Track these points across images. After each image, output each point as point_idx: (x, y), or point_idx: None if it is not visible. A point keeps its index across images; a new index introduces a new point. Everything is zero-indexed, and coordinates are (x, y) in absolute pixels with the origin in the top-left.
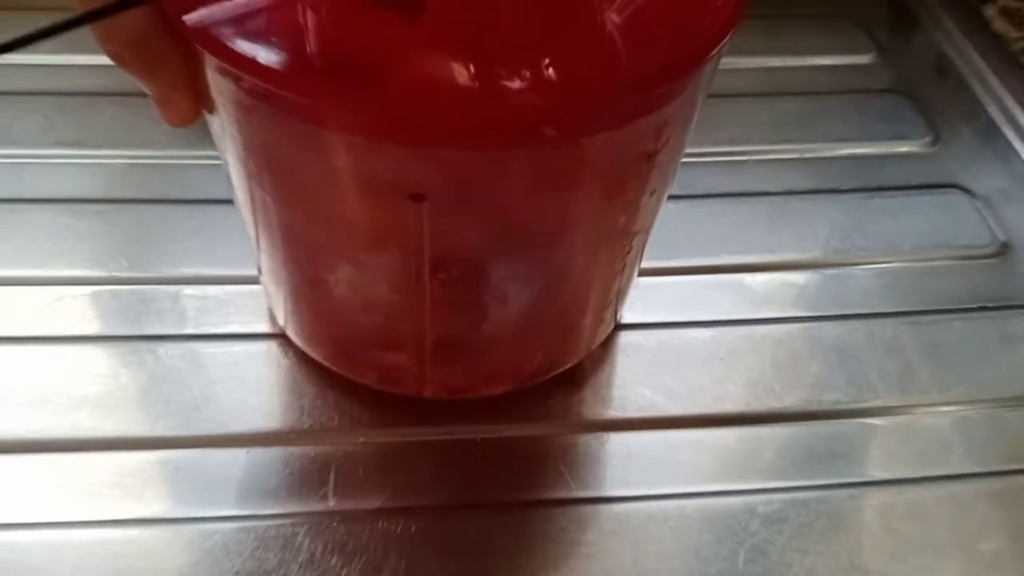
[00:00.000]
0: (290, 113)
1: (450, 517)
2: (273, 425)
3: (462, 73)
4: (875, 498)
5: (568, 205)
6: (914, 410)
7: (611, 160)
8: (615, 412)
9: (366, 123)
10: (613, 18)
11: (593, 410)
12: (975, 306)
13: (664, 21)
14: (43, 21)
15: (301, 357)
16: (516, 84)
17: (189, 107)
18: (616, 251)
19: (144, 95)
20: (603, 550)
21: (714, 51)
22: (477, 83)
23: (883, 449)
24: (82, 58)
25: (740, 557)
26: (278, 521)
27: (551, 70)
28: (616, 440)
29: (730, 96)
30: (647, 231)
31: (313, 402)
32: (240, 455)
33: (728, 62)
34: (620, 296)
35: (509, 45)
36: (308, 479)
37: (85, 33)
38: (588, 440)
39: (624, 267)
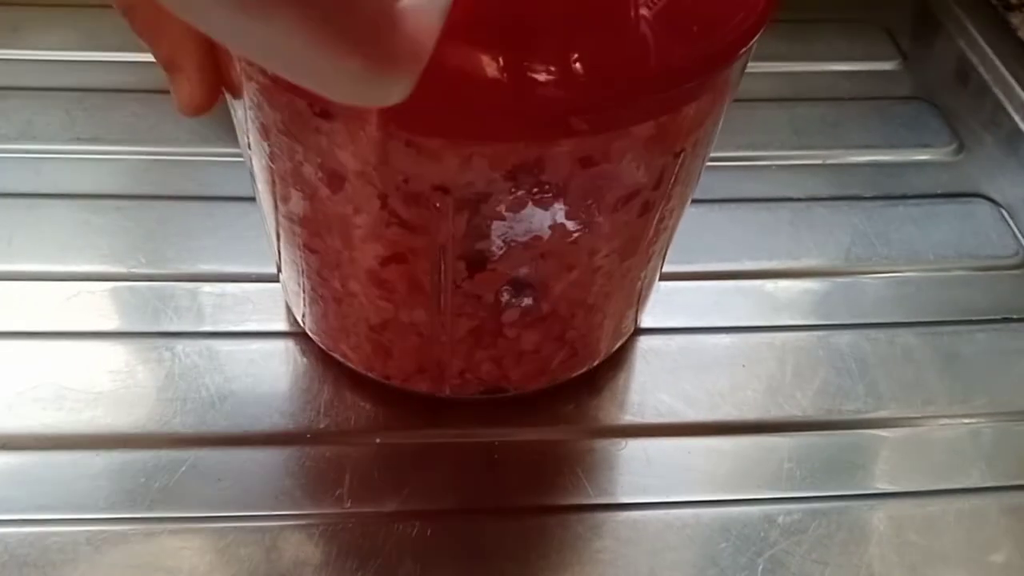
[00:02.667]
0: (314, 103)
1: (466, 521)
2: (289, 425)
3: (491, 65)
4: (894, 510)
5: (594, 202)
6: (934, 421)
7: (639, 157)
8: (633, 417)
9: (390, 114)
10: (644, 12)
11: (611, 415)
12: (998, 317)
13: (695, 16)
14: (56, 15)
15: (318, 356)
16: (545, 77)
17: (198, 81)
18: (640, 252)
19: (165, 92)
20: (620, 557)
21: (745, 47)
22: (506, 76)
23: (903, 461)
24: (103, 55)
25: (759, 568)
26: (293, 522)
27: (580, 63)
28: (634, 446)
29: (752, 101)
30: (670, 232)
31: (330, 402)
32: (256, 454)
33: (750, 66)
34: (642, 299)
35: (539, 38)
36: (323, 480)
37: (107, 29)
38: (606, 445)
39: (647, 269)
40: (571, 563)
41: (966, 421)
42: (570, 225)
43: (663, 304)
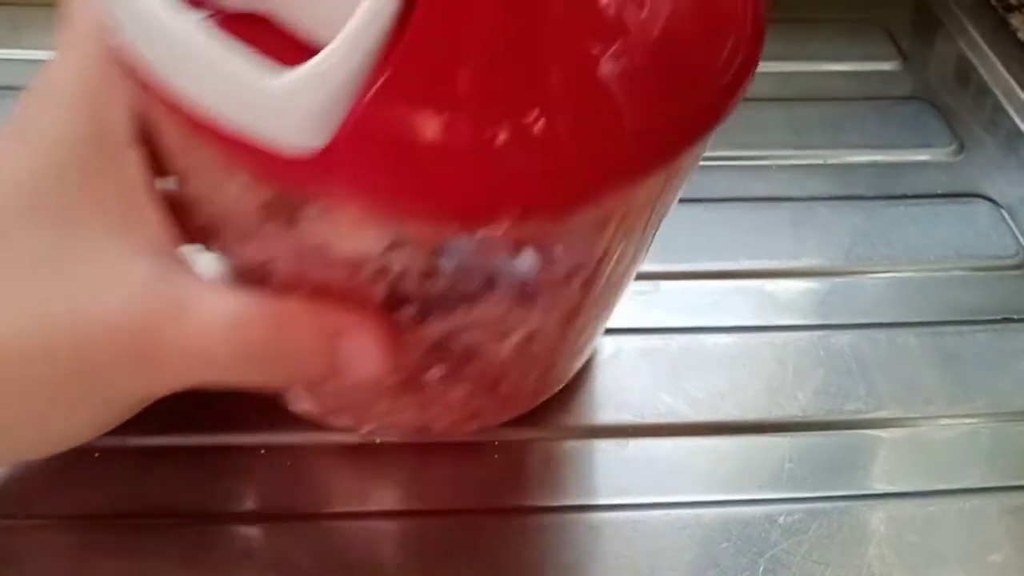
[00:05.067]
0: (235, 162)
1: (466, 521)
2: (289, 423)
3: (420, 134)
4: (894, 510)
5: (528, 282)
6: (934, 422)
7: (580, 239)
8: (633, 417)
9: (305, 178)
10: (611, 67)
11: (611, 415)
12: (998, 317)
13: (671, 68)
14: (56, 15)
15: None
16: (478, 153)
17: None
18: (583, 314)
19: None
20: (620, 558)
21: (732, 102)
22: (436, 148)
23: (903, 461)
24: None
25: (760, 568)
26: (293, 522)
27: (517, 141)
28: (635, 446)
29: (751, 100)
30: (620, 288)
31: None
32: (256, 454)
33: None
34: (585, 348)
35: (475, 105)
36: (324, 480)
37: None
38: (606, 446)
39: (593, 324)
40: (571, 563)
41: (966, 421)
42: (500, 303)
43: (663, 304)
